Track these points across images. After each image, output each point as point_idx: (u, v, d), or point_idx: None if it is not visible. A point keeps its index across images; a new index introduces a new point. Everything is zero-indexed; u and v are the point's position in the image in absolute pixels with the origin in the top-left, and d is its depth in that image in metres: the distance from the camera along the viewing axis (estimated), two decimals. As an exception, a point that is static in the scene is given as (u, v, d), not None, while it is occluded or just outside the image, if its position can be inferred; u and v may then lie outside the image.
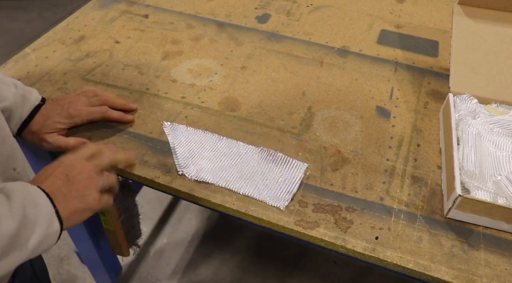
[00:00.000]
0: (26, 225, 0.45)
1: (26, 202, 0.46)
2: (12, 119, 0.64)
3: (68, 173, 0.52)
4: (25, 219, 0.45)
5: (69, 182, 0.51)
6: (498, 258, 0.55)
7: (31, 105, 0.65)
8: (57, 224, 0.48)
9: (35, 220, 0.46)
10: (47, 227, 0.47)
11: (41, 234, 0.46)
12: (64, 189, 0.51)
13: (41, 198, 0.48)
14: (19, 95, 0.64)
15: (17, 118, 0.64)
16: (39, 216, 0.46)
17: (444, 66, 0.84)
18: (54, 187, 0.50)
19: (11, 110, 0.63)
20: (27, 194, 0.47)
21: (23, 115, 0.64)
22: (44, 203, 0.48)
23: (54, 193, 0.50)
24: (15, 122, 0.64)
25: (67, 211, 0.50)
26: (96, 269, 1.14)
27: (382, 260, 0.55)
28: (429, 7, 1.01)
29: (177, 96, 0.76)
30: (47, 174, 0.52)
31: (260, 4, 1.00)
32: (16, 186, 0.47)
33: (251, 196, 0.61)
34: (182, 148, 0.67)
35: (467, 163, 0.61)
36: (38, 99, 0.67)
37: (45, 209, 0.47)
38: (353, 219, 0.59)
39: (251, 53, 0.86)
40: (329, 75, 0.82)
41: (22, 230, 0.44)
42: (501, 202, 0.58)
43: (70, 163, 0.53)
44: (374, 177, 0.64)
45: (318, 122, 0.72)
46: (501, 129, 0.67)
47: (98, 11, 0.96)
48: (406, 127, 0.72)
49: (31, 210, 0.46)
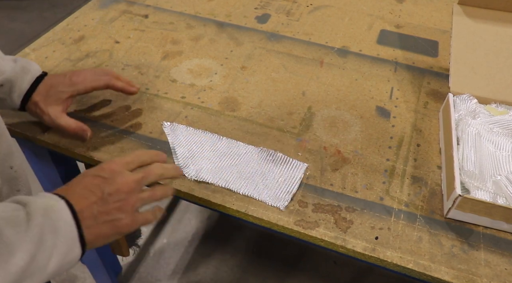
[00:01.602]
0: (43, 252, 0.41)
1: (45, 226, 0.41)
2: (14, 90, 0.62)
3: (105, 189, 0.46)
4: (42, 245, 0.40)
5: (103, 201, 0.46)
6: (498, 258, 0.55)
7: (33, 76, 0.63)
8: (79, 250, 0.44)
9: (52, 246, 0.41)
10: (66, 253, 0.43)
11: (58, 260, 0.42)
12: (96, 209, 0.45)
13: (64, 222, 0.43)
14: (19, 67, 0.62)
15: (19, 90, 0.62)
16: (58, 243, 0.42)
17: (444, 66, 0.84)
18: (85, 204, 0.45)
19: (12, 82, 0.62)
20: (48, 217, 0.42)
21: (24, 86, 0.62)
22: (67, 228, 0.43)
23: (83, 212, 0.45)
24: (17, 94, 0.62)
25: (92, 236, 0.45)
26: (96, 269, 1.14)
27: (382, 260, 0.55)
28: (429, 7, 1.01)
29: (177, 96, 0.76)
30: (83, 184, 0.47)
31: (260, 4, 1.00)
32: (40, 204, 0.43)
33: (251, 196, 0.61)
34: (182, 148, 0.67)
35: (467, 163, 0.60)
36: (39, 70, 0.65)
37: (66, 235, 0.43)
38: (353, 219, 0.59)
39: (251, 53, 0.86)
40: (329, 75, 0.82)
41: (39, 256, 0.40)
42: (501, 202, 0.58)
43: (110, 175, 0.48)
44: (374, 177, 0.64)
45: (318, 122, 0.72)
46: (501, 129, 0.67)
47: (98, 11, 0.96)
48: (406, 127, 0.72)
49: (49, 235, 0.41)
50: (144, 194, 0.50)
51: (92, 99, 0.75)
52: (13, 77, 0.62)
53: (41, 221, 0.41)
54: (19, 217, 0.41)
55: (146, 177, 0.50)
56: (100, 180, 0.47)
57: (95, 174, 0.48)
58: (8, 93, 0.62)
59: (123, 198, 0.47)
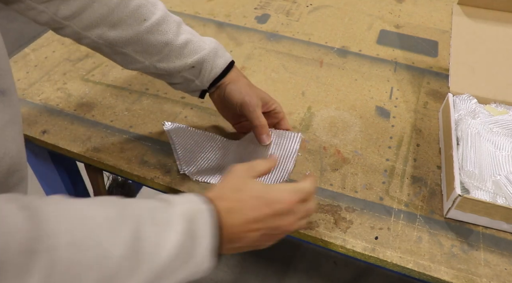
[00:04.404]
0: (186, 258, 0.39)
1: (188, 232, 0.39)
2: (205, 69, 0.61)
3: (270, 224, 0.44)
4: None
5: (265, 236, 0.45)
6: (498, 258, 0.55)
7: (226, 60, 0.62)
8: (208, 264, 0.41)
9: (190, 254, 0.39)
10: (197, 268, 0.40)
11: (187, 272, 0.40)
12: (253, 240, 0.44)
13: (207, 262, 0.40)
14: (213, 47, 0.62)
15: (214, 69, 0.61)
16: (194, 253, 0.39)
17: (443, 66, 0.84)
18: (249, 240, 0.43)
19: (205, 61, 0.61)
20: (192, 222, 0.40)
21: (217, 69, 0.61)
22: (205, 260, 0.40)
23: (232, 233, 0.42)
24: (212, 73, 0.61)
25: (227, 252, 0.43)
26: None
27: (382, 260, 0.55)
28: (429, 7, 1.01)
29: (177, 96, 0.76)
30: (250, 206, 0.44)
31: (259, 4, 1.00)
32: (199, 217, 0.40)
33: None
34: (183, 148, 0.67)
35: (467, 163, 0.61)
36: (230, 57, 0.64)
37: (202, 250, 0.40)
38: (353, 219, 0.59)
39: (250, 53, 0.86)
40: (329, 75, 0.82)
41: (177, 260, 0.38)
42: (501, 202, 0.58)
43: (285, 212, 0.45)
44: (374, 177, 0.64)
45: (317, 122, 0.72)
46: (501, 129, 0.67)
47: (98, 11, 0.96)
48: (405, 127, 0.72)
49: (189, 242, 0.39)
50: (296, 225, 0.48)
51: (92, 99, 0.75)
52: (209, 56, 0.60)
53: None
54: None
55: (308, 212, 0.49)
56: (271, 214, 0.44)
57: (271, 200, 0.45)
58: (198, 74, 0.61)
59: (277, 234, 0.46)
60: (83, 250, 0.33)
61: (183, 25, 0.61)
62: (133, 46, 0.57)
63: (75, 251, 0.32)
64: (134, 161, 0.65)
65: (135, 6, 0.56)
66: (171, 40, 0.58)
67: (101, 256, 0.33)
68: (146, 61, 0.59)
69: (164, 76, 0.62)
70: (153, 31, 0.57)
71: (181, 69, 0.60)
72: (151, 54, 0.59)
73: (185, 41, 0.59)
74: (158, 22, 0.57)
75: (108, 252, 0.34)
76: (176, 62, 0.59)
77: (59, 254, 0.31)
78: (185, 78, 0.62)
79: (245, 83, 0.62)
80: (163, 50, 0.58)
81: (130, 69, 0.62)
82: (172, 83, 0.64)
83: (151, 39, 0.57)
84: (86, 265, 0.33)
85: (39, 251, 0.30)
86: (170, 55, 0.59)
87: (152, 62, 0.59)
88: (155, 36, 0.57)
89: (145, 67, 0.60)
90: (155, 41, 0.58)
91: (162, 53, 0.59)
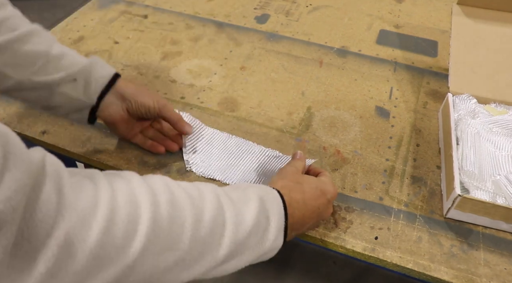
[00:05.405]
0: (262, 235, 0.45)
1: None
2: (90, 83, 0.57)
3: (323, 214, 0.53)
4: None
5: (316, 222, 0.54)
6: (498, 258, 0.55)
7: (111, 71, 0.59)
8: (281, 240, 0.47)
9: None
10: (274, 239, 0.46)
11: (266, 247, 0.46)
12: (308, 227, 0.53)
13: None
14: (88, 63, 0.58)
15: (97, 82, 0.57)
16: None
17: (443, 66, 0.84)
18: (306, 227, 0.52)
19: (85, 73, 0.57)
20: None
21: (103, 80, 0.58)
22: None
23: (302, 228, 0.51)
24: (94, 87, 0.57)
25: (289, 238, 0.49)
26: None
27: (382, 260, 0.55)
28: (428, 7, 1.01)
29: (177, 97, 0.76)
30: (317, 202, 0.51)
31: (259, 4, 1.00)
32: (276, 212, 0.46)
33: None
34: (191, 143, 0.66)
35: (467, 163, 0.61)
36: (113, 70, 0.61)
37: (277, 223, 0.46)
38: (353, 219, 0.59)
39: (250, 53, 0.86)
40: (329, 75, 0.82)
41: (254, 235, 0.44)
42: (501, 202, 0.58)
43: (330, 201, 0.54)
44: (374, 177, 0.64)
45: (317, 122, 0.72)
46: (501, 129, 0.67)
47: (97, 12, 0.96)
48: (405, 127, 0.72)
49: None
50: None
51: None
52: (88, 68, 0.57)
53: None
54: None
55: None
56: (326, 203, 0.53)
57: (325, 190, 0.53)
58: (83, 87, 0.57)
59: (322, 220, 0.56)
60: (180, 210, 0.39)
61: (57, 41, 0.58)
62: (2, 57, 0.52)
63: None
64: (134, 161, 0.65)
65: (3, 18, 0.52)
66: (45, 50, 0.54)
67: (196, 219, 0.40)
68: (17, 75, 0.53)
69: (41, 97, 0.56)
70: (24, 41, 0.53)
71: (61, 81, 0.55)
72: (24, 67, 0.53)
73: (61, 52, 0.56)
74: (31, 33, 0.53)
75: (201, 215, 0.40)
76: (55, 74, 0.54)
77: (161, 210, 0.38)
78: (67, 96, 0.56)
79: (141, 87, 0.61)
80: (37, 61, 0.54)
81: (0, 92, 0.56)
82: (52, 106, 0.58)
83: (23, 48, 0.52)
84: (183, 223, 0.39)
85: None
86: (47, 66, 0.54)
87: (26, 75, 0.53)
88: (27, 45, 0.53)
89: (17, 84, 0.54)
90: (28, 51, 0.53)
91: (36, 65, 0.54)
